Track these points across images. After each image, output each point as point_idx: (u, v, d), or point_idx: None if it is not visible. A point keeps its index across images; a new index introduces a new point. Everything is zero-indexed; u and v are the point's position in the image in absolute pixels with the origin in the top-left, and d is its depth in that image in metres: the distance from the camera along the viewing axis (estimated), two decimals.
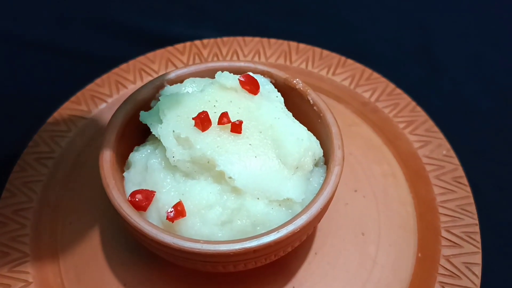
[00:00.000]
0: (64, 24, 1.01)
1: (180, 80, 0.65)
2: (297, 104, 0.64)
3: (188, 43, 0.87)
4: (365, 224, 0.66)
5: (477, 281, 0.60)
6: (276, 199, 0.53)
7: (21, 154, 0.71)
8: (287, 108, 0.62)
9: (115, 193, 0.53)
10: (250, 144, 0.55)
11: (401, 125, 0.76)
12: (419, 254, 0.63)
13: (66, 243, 0.64)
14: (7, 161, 0.72)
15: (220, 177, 0.53)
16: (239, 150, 0.54)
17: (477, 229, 0.64)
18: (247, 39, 0.88)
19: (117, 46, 0.96)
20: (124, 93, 0.80)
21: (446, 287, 0.59)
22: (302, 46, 0.87)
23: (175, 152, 0.54)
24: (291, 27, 1.03)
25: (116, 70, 0.83)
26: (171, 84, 0.64)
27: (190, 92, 0.62)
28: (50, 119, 0.75)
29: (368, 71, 0.83)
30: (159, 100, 0.59)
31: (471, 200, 0.67)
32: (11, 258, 0.61)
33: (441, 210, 0.67)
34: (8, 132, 0.81)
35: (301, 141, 0.56)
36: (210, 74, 0.65)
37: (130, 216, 0.51)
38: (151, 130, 0.58)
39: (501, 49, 0.99)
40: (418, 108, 0.78)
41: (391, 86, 0.81)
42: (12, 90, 0.88)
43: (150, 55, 0.85)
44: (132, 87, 0.80)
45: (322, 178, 0.58)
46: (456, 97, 0.90)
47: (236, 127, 0.55)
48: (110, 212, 0.65)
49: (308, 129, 0.60)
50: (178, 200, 0.52)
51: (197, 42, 0.88)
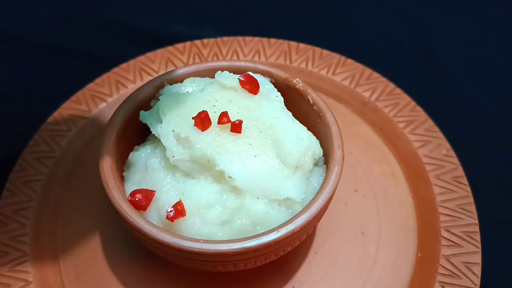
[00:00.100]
0: (64, 23, 1.01)
1: (180, 79, 0.65)
2: (297, 104, 0.64)
3: (188, 43, 0.88)
4: (365, 223, 0.66)
5: (477, 281, 0.60)
6: (276, 198, 0.53)
7: (21, 154, 0.71)
8: (287, 108, 0.62)
9: (115, 192, 0.53)
10: (250, 143, 0.55)
11: (401, 125, 0.76)
12: (419, 254, 0.63)
13: (66, 242, 0.64)
14: (7, 160, 0.72)
15: (220, 177, 0.53)
16: (239, 149, 0.54)
17: (477, 228, 0.64)
18: (247, 38, 0.89)
19: (117, 45, 0.96)
20: (124, 92, 0.80)
21: (446, 286, 0.59)
22: (302, 45, 0.87)
23: (175, 152, 0.54)
24: (291, 26, 1.03)
25: (116, 69, 0.83)
26: (171, 84, 0.64)
27: (190, 91, 0.62)
28: (50, 119, 0.75)
29: (368, 71, 0.83)
30: (159, 99, 0.59)
31: (471, 199, 0.67)
32: (11, 257, 0.61)
33: (441, 210, 0.67)
34: (8, 132, 0.81)
35: (301, 141, 0.56)
36: (210, 73, 0.65)
37: (130, 215, 0.51)
38: (151, 129, 0.58)
39: (501, 49, 0.99)
40: (418, 108, 0.78)
41: (391, 85, 0.81)
42: (12, 90, 0.88)
43: (150, 54, 0.85)
44: (132, 87, 0.81)
45: (322, 178, 0.58)
46: (456, 97, 0.90)
47: (236, 127, 0.55)
48: (110, 212, 0.65)
49: (308, 129, 0.60)
50: (178, 200, 0.52)
51: (197, 41, 0.88)
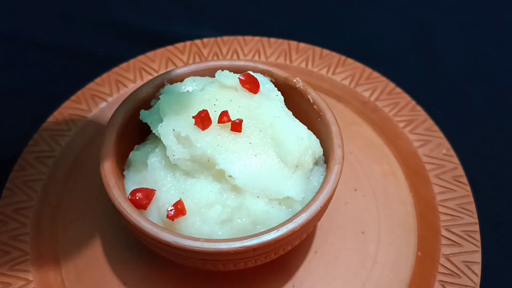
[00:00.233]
0: (64, 23, 1.01)
1: (180, 79, 0.65)
2: (297, 103, 0.64)
3: (188, 42, 0.88)
4: (365, 223, 0.66)
5: (477, 280, 0.60)
6: (276, 197, 0.53)
7: (21, 153, 0.71)
8: (287, 107, 0.62)
9: (115, 191, 0.53)
10: (250, 142, 0.55)
11: (401, 124, 0.76)
12: (419, 253, 0.63)
13: (67, 241, 0.64)
14: (7, 160, 0.72)
15: (220, 176, 0.53)
16: (239, 148, 0.54)
17: (476, 228, 0.64)
18: (247, 38, 0.89)
19: (117, 45, 0.96)
20: (125, 92, 0.80)
21: (446, 285, 0.59)
22: (302, 45, 0.87)
23: (175, 151, 0.54)
24: (291, 26, 1.03)
25: (116, 69, 0.83)
26: (171, 83, 0.64)
27: (190, 91, 0.62)
28: (50, 118, 0.75)
29: (368, 70, 0.83)
30: (159, 99, 0.59)
31: (471, 199, 0.67)
32: (11, 257, 0.61)
33: (441, 209, 0.67)
34: (9, 131, 0.81)
35: (301, 140, 0.56)
36: (210, 73, 0.65)
37: (131, 214, 0.51)
38: (151, 129, 0.58)
39: (502, 49, 0.99)
40: (418, 107, 0.78)
41: (391, 85, 0.81)
42: (12, 89, 0.88)
43: (150, 54, 0.86)
44: (132, 86, 0.81)
45: (322, 177, 0.58)
46: (456, 97, 0.90)
47: (236, 126, 0.55)
48: (110, 211, 0.65)
49: (308, 128, 0.60)
50: (178, 199, 0.52)
51: (197, 41, 0.88)
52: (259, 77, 0.63)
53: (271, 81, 0.65)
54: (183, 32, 0.98)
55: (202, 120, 0.54)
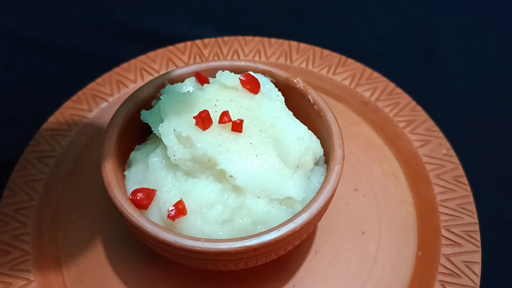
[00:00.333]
0: (65, 23, 1.01)
1: (181, 79, 0.65)
2: (298, 103, 0.64)
3: (189, 43, 0.88)
4: (365, 223, 0.66)
5: (477, 280, 0.60)
6: (277, 197, 0.53)
7: (22, 153, 0.71)
8: (287, 107, 0.62)
9: (116, 191, 0.53)
10: (250, 143, 0.55)
11: (401, 125, 0.76)
12: (419, 253, 0.63)
13: (68, 241, 0.64)
14: (8, 160, 0.72)
15: (221, 176, 0.53)
16: (240, 149, 0.54)
17: (477, 228, 0.64)
18: (248, 38, 0.89)
19: (118, 45, 0.96)
20: (125, 92, 0.80)
21: (446, 285, 0.59)
22: (303, 45, 0.87)
23: (176, 151, 0.54)
24: (292, 26, 1.03)
25: (117, 69, 0.83)
26: (172, 83, 0.65)
27: (191, 91, 0.62)
28: (51, 118, 0.75)
29: (369, 71, 0.83)
30: (160, 99, 0.59)
31: (471, 199, 0.67)
32: (12, 256, 0.62)
33: (441, 209, 0.67)
34: (10, 131, 0.81)
35: (302, 140, 0.56)
36: (211, 73, 0.65)
37: (132, 214, 0.52)
38: (152, 129, 0.58)
39: (502, 49, 0.99)
40: (418, 108, 0.78)
41: (391, 85, 0.81)
42: (13, 89, 0.89)
43: (151, 54, 0.86)
44: (133, 86, 0.81)
45: (322, 177, 0.58)
46: (456, 97, 0.90)
47: (237, 126, 0.55)
48: (111, 211, 0.65)
49: (309, 128, 0.60)
50: (179, 199, 0.52)
51: (198, 41, 0.88)
52: (259, 77, 0.63)
53: (271, 81, 0.65)
54: (184, 32, 0.98)
55: (203, 120, 0.54)
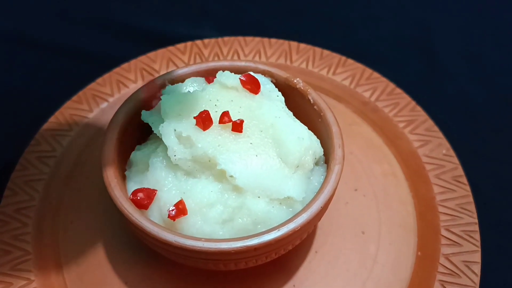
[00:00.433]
0: (65, 23, 1.01)
1: (181, 79, 0.65)
2: (298, 104, 0.64)
3: (189, 43, 0.88)
4: (365, 223, 0.66)
5: (477, 280, 0.60)
6: (277, 197, 0.53)
7: (23, 153, 0.71)
8: (287, 108, 0.62)
9: (117, 191, 0.54)
10: (251, 143, 0.55)
11: (401, 125, 0.77)
12: (419, 253, 0.63)
13: (68, 241, 0.64)
14: (9, 159, 0.72)
15: (221, 176, 0.53)
16: (240, 149, 0.54)
17: (476, 227, 0.65)
18: (248, 38, 0.89)
19: (118, 45, 0.96)
20: (126, 92, 0.80)
21: (446, 285, 0.59)
22: (303, 46, 0.87)
23: (176, 151, 0.54)
24: (292, 27, 1.03)
25: (117, 69, 0.83)
26: (172, 84, 0.65)
27: (191, 91, 0.62)
28: (51, 118, 0.76)
29: (368, 71, 0.83)
30: (160, 99, 0.59)
31: (471, 199, 0.67)
32: (13, 256, 0.62)
33: (441, 209, 0.67)
34: (10, 131, 0.81)
35: (302, 140, 0.56)
36: (211, 73, 0.65)
37: (132, 214, 0.52)
38: (152, 129, 0.58)
39: (501, 49, 0.99)
40: (418, 108, 0.78)
41: (391, 85, 0.81)
42: (13, 89, 0.89)
43: (151, 54, 0.86)
44: (133, 87, 0.81)
45: (322, 177, 0.58)
46: (456, 97, 0.90)
47: (237, 126, 0.55)
48: (111, 211, 0.66)
49: (309, 128, 0.60)
50: (180, 199, 0.52)
51: (198, 41, 0.88)
52: (259, 77, 0.63)
53: (271, 81, 0.65)
54: (184, 32, 0.99)
55: (203, 120, 0.54)
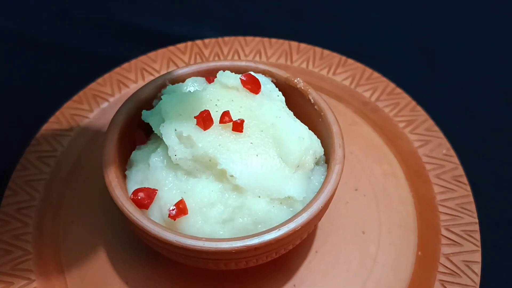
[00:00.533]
0: (65, 23, 1.01)
1: (182, 79, 0.65)
2: (298, 103, 0.64)
3: (189, 43, 0.88)
4: (365, 223, 0.67)
5: (477, 279, 0.60)
6: (277, 197, 0.54)
7: (23, 153, 0.71)
8: (288, 107, 0.62)
9: (117, 191, 0.54)
10: (251, 142, 0.55)
11: (401, 125, 0.77)
12: (419, 253, 0.64)
13: (69, 241, 0.64)
14: (9, 159, 0.72)
15: (221, 176, 0.53)
16: (240, 148, 0.54)
17: (476, 227, 0.65)
18: (248, 38, 0.89)
19: (118, 45, 0.96)
20: (126, 92, 0.80)
21: (446, 285, 0.60)
22: (303, 45, 0.88)
23: (177, 151, 0.54)
24: (292, 27, 1.03)
25: (118, 69, 0.83)
26: (173, 83, 0.65)
27: (192, 91, 0.62)
28: (52, 118, 0.76)
29: (369, 71, 0.83)
30: (161, 99, 0.59)
31: (471, 198, 0.67)
32: (13, 256, 0.62)
33: (441, 209, 0.67)
34: (11, 131, 0.81)
35: (302, 140, 0.57)
36: (211, 73, 0.65)
37: (133, 214, 0.52)
38: (153, 129, 0.58)
39: (502, 49, 0.99)
40: (418, 108, 0.78)
41: (391, 85, 0.81)
42: (14, 89, 0.89)
43: (152, 54, 0.86)
44: (134, 87, 0.81)
45: (323, 177, 0.58)
46: (456, 97, 0.90)
47: (238, 126, 0.55)
48: (112, 211, 0.66)
49: (309, 128, 0.60)
50: (180, 198, 0.52)
51: (199, 41, 0.88)
52: (260, 77, 0.63)
53: (272, 81, 0.65)
54: (184, 32, 0.99)
55: (204, 120, 0.54)
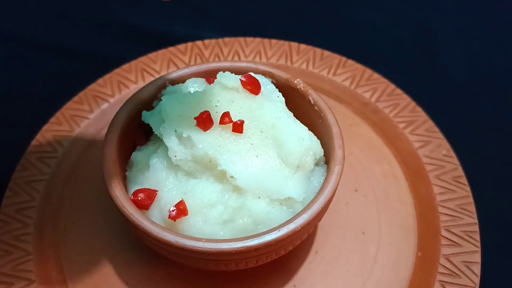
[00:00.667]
0: (65, 23, 1.01)
1: (182, 80, 0.65)
2: (298, 104, 0.64)
3: (189, 44, 0.88)
4: (365, 223, 0.67)
5: (476, 280, 0.60)
6: (277, 198, 0.54)
7: (24, 154, 0.72)
8: (288, 108, 0.62)
9: (117, 192, 0.54)
10: (251, 143, 0.55)
11: (401, 125, 0.77)
12: (419, 253, 0.64)
13: (69, 242, 0.64)
14: (9, 160, 0.72)
15: (221, 176, 0.54)
16: (240, 149, 0.54)
17: (476, 228, 0.65)
18: (248, 39, 0.89)
19: (119, 46, 0.97)
20: (126, 93, 0.80)
21: (446, 285, 0.60)
22: (303, 46, 0.88)
23: (177, 152, 0.54)
24: (292, 27, 1.03)
25: (118, 70, 0.83)
26: (173, 84, 0.65)
27: (192, 92, 0.62)
28: (52, 119, 0.76)
29: (369, 72, 0.83)
30: (161, 100, 0.59)
31: (471, 199, 0.67)
32: (14, 256, 0.62)
33: (441, 210, 0.67)
34: (11, 132, 0.81)
35: (302, 141, 0.57)
36: (211, 74, 0.65)
37: (133, 215, 0.52)
38: (153, 129, 0.58)
39: (502, 49, 0.99)
40: (418, 108, 0.78)
41: (391, 86, 0.81)
42: (14, 90, 0.89)
43: (152, 55, 0.86)
44: (134, 87, 0.81)
45: (322, 178, 0.58)
46: (456, 97, 0.90)
47: (238, 127, 0.55)
48: (112, 211, 0.66)
49: (309, 129, 0.60)
50: (180, 199, 0.53)
51: (199, 42, 0.88)
52: (260, 78, 0.63)
53: (272, 82, 0.65)
54: (184, 33, 0.99)
55: (204, 121, 0.54)
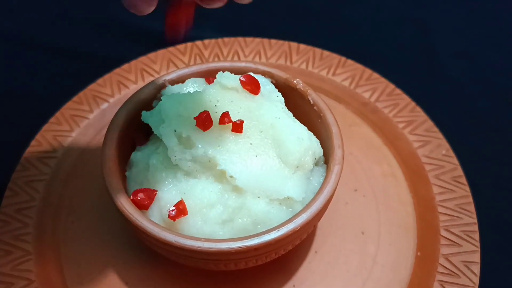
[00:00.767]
0: (65, 23, 1.01)
1: (181, 80, 0.65)
2: (298, 104, 0.64)
3: (189, 44, 0.88)
4: (365, 223, 0.67)
5: (476, 280, 0.60)
6: (277, 198, 0.54)
7: (23, 154, 0.72)
8: (287, 108, 0.62)
9: (117, 192, 0.54)
10: (251, 143, 0.55)
11: (401, 125, 0.77)
12: (419, 253, 0.64)
13: (69, 241, 0.64)
14: (9, 160, 0.72)
15: (221, 176, 0.54)
16: (240, 149, 0.54)
17: (476, 228, 0.65)
18: (248, 39, 0.89)
19: (118, 46, 0.96)
20: (126, 93, 0.80)
21: (445, 285, 0.60)
22: (303, 46, 0.88)
23: (176, 152, 0.54)
24: (292, 27, 1.03)
25: (117, 70, 0.83)
26: (173, 84, 0.65)
27: (191, 92, 0.63)
28: (52, 119, 0.76)
29: (368, 72, 0.83)
30: (160, 100, 0.59)
31: (470, 199, 0.67)
32: (13, 256, 0.62)
33: (440, 210, 0.67)
34: (11, 132, 0.81)
35: (302, 141, 0.57)
36: (211, 74, 0.65)
37: (132, 214, 0.52)
38: (153, 129, 0.58)
39: (501, 49, 0.99)
40: (418, 108, 0.78)
41: (391, 86, 0.81)
42: (14, 90, 0.89)
43: (152, 55, 0.86)
44: (133, 87, 0.81)
45: (322, 177, 0.58)
46: (456, 97, 0.90)
47: (237, 127, 0.55)
48: (112, 211, 0.66)
49: (309, 129, 0.60)
50: (180, 199, 0.53)
51: (198, 42, 0.88)
52: (259, 78, 0.63)
53: (271, 82, 0.65)
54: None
55: (204, 121, 0.54)
